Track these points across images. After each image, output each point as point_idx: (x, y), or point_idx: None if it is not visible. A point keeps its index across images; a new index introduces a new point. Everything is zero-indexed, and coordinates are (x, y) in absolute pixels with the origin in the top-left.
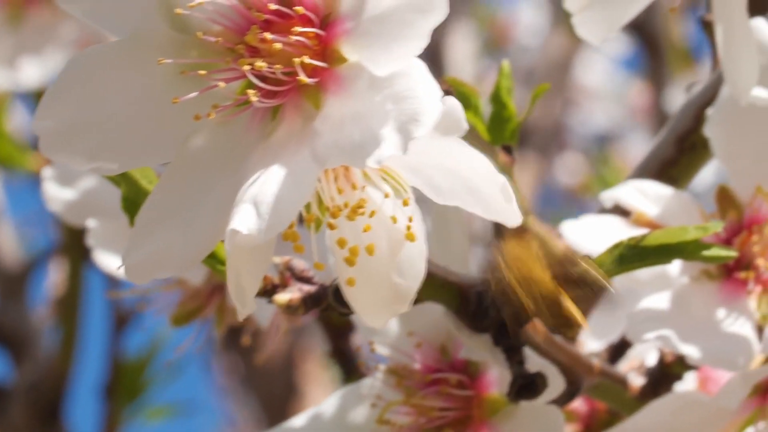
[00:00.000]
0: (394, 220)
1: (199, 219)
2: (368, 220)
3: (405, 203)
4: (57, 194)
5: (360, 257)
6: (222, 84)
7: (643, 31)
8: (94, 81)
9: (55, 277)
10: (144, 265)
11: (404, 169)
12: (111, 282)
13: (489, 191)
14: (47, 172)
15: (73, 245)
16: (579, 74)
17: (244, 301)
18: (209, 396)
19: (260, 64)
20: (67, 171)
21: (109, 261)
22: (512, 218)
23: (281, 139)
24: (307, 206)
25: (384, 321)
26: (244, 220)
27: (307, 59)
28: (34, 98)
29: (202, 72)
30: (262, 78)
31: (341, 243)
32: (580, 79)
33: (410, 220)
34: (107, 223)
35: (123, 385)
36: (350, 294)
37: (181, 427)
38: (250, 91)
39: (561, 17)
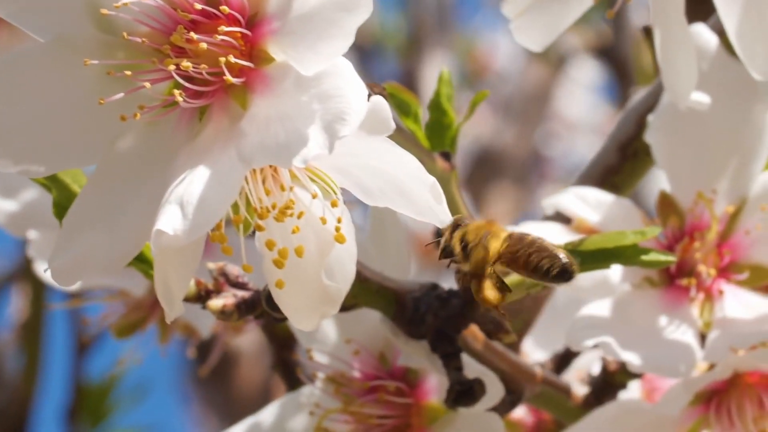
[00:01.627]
0: (323, 221)
1: (125, 220)
2: (297, 222)
3: (334, 204)
4: None
5: (289, 259)
6: (148, 85)
7: (613, 57)
8: (20, 83)
9: (16, 301)
10: (70, 267)
11: (333, 170)
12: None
13: (418, 191)
14: None
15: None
16: (559, 105)
17: (171, 304)
18: (177, 421)
19: (186, 64)
20: (8, 183)
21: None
22: (441, 218)
23: (208, 140)
24: (236, 208)
25: (314, 323)
26: (170, 220)
27: (233, 59)
28: None
29: (129, 73)
30: (189, 78)
31: (270, 245)
32: (559, 109)
33: (339, 221)
34: (48, 235)
35: (87, 409)
36: (280, 297)
37: None
38: (176, 91)
39: (537, 57)
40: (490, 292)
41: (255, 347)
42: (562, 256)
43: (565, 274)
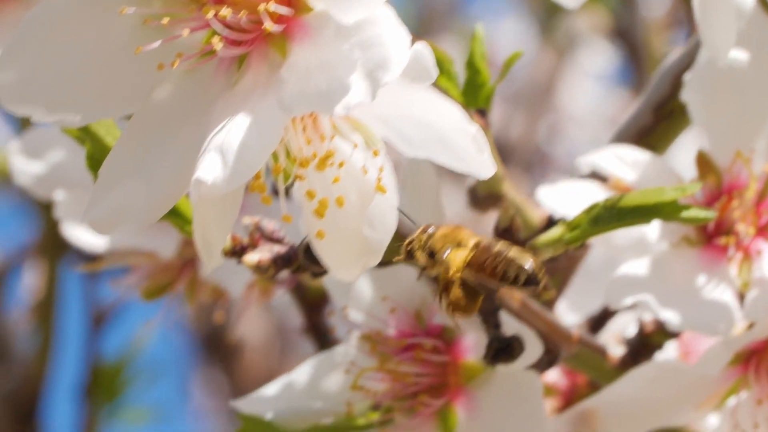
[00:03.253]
0: (364, 171)
1: (163, 170)
2: (337, 171)
3: (375, 154)
4: (25, 167)
5: (329, 209)
6: (186, 33)
7: (626, 40)
8: (56, 32)
9: (30, 279)
10: (107, 217)
11: (374, 120)
12: (88, 281)
13: (460, 142)
14: (14, 146)
15: (50, 246)
16: (565, 96)
17: (210, 254)
18: (189, 401)
19: (225, 12)
20: (34, 144)
21: (77, 233)
22: (484, 169)
23: (247, 89)
24: (275, 157)
25: (355, 274)
26: (210, 169)
27: (272, 6)
28: None
29: (166, 21)
30: (227, 27)
31: (310, 195)
32: (566, 100)
33: (380, 171)
34: (74, 195)
35: (101, 387)
36: (320, 247)
37: (161, 429)
38: (215, 38)
39: (547, 37)
40: (459, 300)
41: (260, 337)
42: (528, 265)
43: (531, 283)
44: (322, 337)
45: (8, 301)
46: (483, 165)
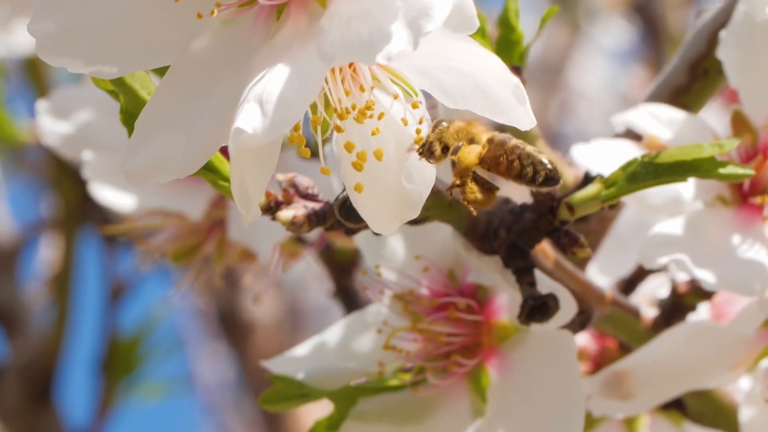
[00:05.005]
0: (403, 123)
1: (201, 121)
2: (377, 123)
3: (414, 106)
4: (52, 128)
5: (368, 162)
6: None
7: (644, 15)
8: None
9: (47, 252)
10: (145, 168)
11: (413, 71)
12: (106, 254)
13: (501, 93)
14: (42, 106)
15: (68, 219)
16: (577, 74)
17: (248, 206)
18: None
19: None
20: (62, 104)
21: (105, 193)
22: (525, 120)
23: (286, 39)
24: (314, 108)
25: (394, 228)
26: (249, 118)
27: None
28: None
29: None
30: None
31: (348, 147)
32: (578, 78)
33: (420, 123)
34: (102, 156)
35: (118, 360)
36: (358, 200)
37: (178, 403)
38: None
39: (564, 13)
40: (475, 194)
41: (271, 318)
42: (546, 161)
43: (550, 181)
44: (351, 301)
45: (25, 274)
46: (524, 116)
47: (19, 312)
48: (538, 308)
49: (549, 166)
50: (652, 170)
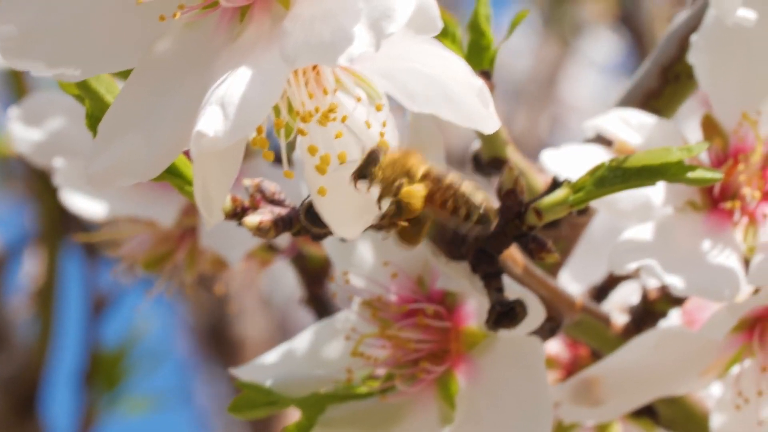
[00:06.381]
0: (367, 125)
1: (164, 123)
2: (340, 126)
3: (378, 109)
4: (24, 135)
5: (331, 165)
6: None
7: (632, 28)
8: None
9: (30, 265)
10: (108, 171)
11: (377, 74)
12: (88, 268)
13: (465, 96)
14: (13, 112)
15: (51, 232)
16: (568, 87)
17: (211, 211)
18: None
19: None
20: (33, 110)
21: (76, 201)
22: (489, 124)
23: (249, 41)
24: (277, 111)
25: (357, 232)
26: (210, 121)
27: None
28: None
29: None
30: None
31: (312, 150)
32: (569, 92)
33: (383, 126)
34: (74, 163)
35: (101, 375)
36: (321, 205)
37: (165, 417)
38: None
39: (552, 26)
40: (404, 230)
41: (261, 335)
42: (479, 204)
43: (483, 222)
44: (323, 309)
45: (8, 288)
46: (488, 120)
47: (3, 326)
48: (505, 314)
49: (482, 209)
50: (620, 174)
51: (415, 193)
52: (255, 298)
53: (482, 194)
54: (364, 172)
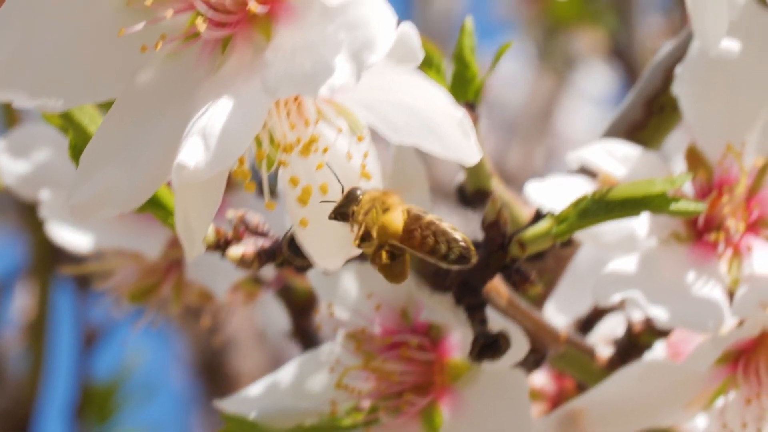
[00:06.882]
0: (348, 157)
1: (145, 154)
2: (321, 157)
3: (359, 140)
4: (10, 167)
5: (313, 197)
6: (170, 14)
7: (625, 61)
8: (37, 14)
9: (22, 300)
10: (90, 202)
11: (359, 105)
12: (80, 301)
13: (446, 127)
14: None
15: (42, 265)
16: (563, 120)
17: (192, 242)
18: (183, 421)
19: None
20: (20, 143)
21: (62, 233)
22: (470, 155)
23: (231, 72)
24: (259, 143)
25: (338, 263)
26: (191, 153)
27: None
28: None
29: (149, 2)
30: (212, 7)
31: (294, 182)
32: (563, 125)
33: (365, 157)
34: (60, 195)
35: (92, 408)
36: (303, 236)
37: None
38: (198, 19)
39: (545, 60)
40: (387, 267)
41: (256, 369)
42: (460, 239)
43: (463, 260)
44: (310, 341)
45: (0, 321)
46: (469, 151)
47: None
48: (488, 346)
49: (462, 244)
50: (604, 206)
51: (394, 218)
52: (250, 331)
53: (462, 234)
54: (343, 211)
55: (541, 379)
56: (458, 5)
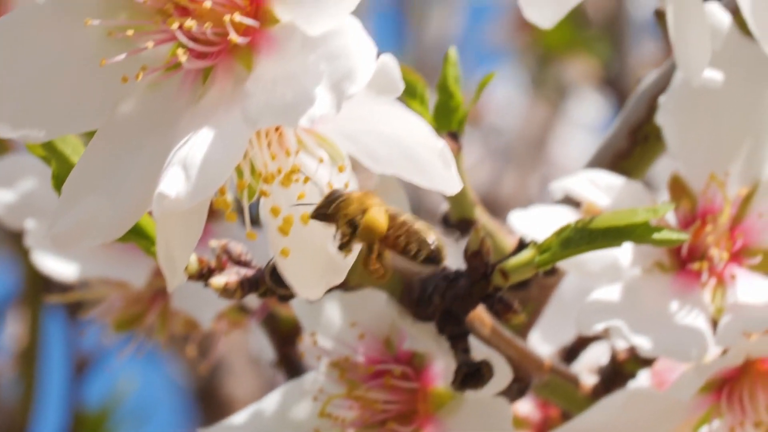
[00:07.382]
0: (329, 187)
1: (127, 184)
2: (302, 188)
3: (340, 170)
4: None
5: (294, 226)
6: (151, 45)
7: (617, 89)
8: (19, 43)
9: (13, 327)
10: (71, 232)
11: (340, 135)
12: (71, 329)
13: (427, 157)
14: None
15: (33, 292)
16: (557, 148)
17: (173, 272)
18: None
19: (189, 23)
20: (5, 172)
21: (47, 262)
22: (450, 185)
23: (212, 102)
24: (240, 173)
25: (319, 292)
26: (172, 183)
27: (237, 17)
28: None
29: (131, 33)
30: (193, 39)
31: (275, 212)
32: (557, 153)
33: (346, 186)
34: (45, 224)
35: None
36: (284, 266)
37: None
38: (180, 50)
39: (539, 88)
40: (371, 266)
41: (250, 395)
42: (431, 241)
43: (431, 261)
44: (295, 370)
45: None
46: (450, 181)
47: None
48: (471, 375)
49: (432, 246)
50: (586, 235)
51: (378, 216)
52: (243, 356)
53: (435, 234)
54: (324, 212)
55: (525, 407)
56: (453, 32)
